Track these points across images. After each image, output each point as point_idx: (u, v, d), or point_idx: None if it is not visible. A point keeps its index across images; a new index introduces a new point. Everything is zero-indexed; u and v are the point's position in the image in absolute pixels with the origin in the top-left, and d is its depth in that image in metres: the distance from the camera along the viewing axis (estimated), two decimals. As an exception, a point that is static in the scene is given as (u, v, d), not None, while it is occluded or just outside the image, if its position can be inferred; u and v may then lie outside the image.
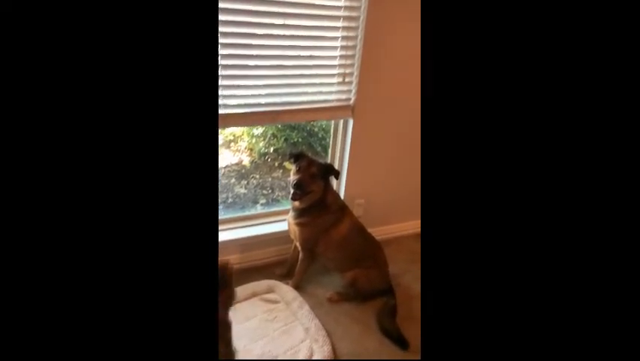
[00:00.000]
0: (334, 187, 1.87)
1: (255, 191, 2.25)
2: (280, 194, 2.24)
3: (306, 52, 1.62)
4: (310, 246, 1.71)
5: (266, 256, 1.95)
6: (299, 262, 1.77)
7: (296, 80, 1.66)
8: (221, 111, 1.55)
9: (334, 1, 1.56)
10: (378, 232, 2.00)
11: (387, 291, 1.74)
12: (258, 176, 2.34)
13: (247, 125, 1.98)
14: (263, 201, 2.19)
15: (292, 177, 1.60)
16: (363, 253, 1.73)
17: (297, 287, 1.78)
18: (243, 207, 2.12)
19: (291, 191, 1.59)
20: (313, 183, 1.59)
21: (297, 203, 1.64)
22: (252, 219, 1.96)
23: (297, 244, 1.76)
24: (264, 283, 1.78)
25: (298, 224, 1.68)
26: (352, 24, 1.63)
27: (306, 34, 1.58)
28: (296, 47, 1.59)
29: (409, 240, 2.25)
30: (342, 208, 1.72)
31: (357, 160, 1.96)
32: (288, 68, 1.61)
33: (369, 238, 1.77)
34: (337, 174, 1.70)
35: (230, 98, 1.56)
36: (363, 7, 1.60)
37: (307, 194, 1.59)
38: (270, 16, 1.48)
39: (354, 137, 1.88)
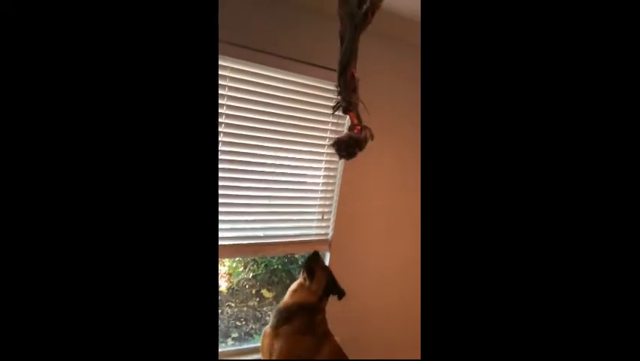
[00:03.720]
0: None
1: (229, 322, 2.13)
2: (254, 327, 2.12)
3: (290, 193, 1.80)
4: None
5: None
6: None
7: (279, 217, 1.79)
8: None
9: (317, 151, 1.83)
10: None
11: None
12: (233, 304, 2.26)
13: (229, 257, 2.03)
14: (235, 335, 2.06)
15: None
16: None
17: None
18: (212, 341, 1.98)
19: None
20: (322, 272, 1.56)
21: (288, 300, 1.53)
22: (223, 357, 1.81)
23: None
24: None
25: (279, 335, 1.47)
26: (331, 173, 1.87)
27: (291, 171, 1.78)
28: (281, 189, 1.77)
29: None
30: (326, 334, 1.58)
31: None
32: (273, 205, 1.76)
33: None
34: (341, 295, 1.62)
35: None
36: (340, 160, 1.87)
37: (319, 271, 1.54)
38: (258, 156, 1.68)
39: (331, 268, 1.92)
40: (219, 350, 1.85)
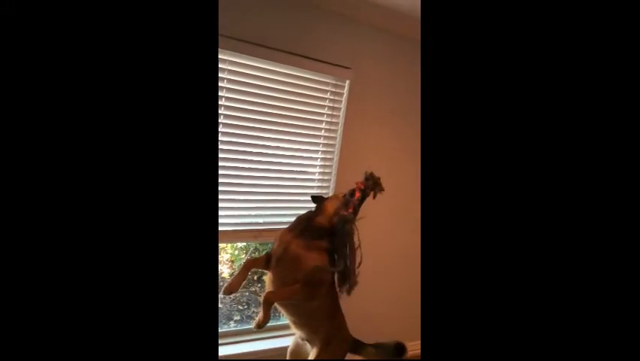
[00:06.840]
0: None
1: (231, 306, 2.23)
2: (255, 310, 2.22)
3: (288, 182, 1.87)
4: (317, 280, 1.36)
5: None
6: (292, 288, 1.37)
7: (277, 204, 1.86)
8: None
9: (313, 142, 1.89)
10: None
11: None
12: (235, 290, 2.35)
13: (230, 242, 2.12)
14: (237, 317, 2.16)
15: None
16: (333, 314, 1.56)
17: (270, 301, 1.40)
18: (216, 324, 2.08)
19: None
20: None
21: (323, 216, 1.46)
22: (225, 337, 1.91)
23: (299, 277, 1.37)
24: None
25: (311, 248, 1.36)
26: (328, 163, 1.94)
27: (289, 161, 1.84)
28: (280, 177, 1.84)
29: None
30: None
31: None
32: (271, 193, 1.83)
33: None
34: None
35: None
36: (336, 150, 1.93)
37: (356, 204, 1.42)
38: (258, 147, 1.76)
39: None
40: (222, 330, 1.94)
